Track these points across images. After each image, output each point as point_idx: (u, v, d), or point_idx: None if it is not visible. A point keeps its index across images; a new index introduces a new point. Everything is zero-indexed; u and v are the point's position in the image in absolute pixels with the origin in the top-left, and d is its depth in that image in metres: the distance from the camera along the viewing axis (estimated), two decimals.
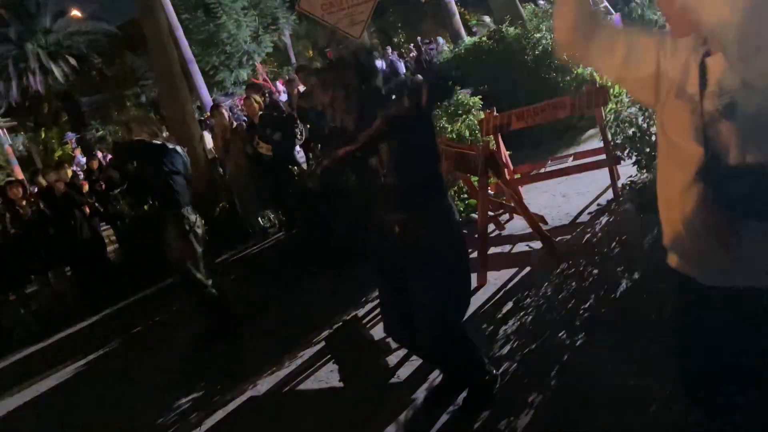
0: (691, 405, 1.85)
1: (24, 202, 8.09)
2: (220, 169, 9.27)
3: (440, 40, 19.56)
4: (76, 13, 28.90)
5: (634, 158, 4.41)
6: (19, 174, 18.68)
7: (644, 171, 4.34)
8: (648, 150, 4.25)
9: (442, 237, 2.80)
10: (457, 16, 15.42)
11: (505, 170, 5.24)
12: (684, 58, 1.52)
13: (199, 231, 4.93)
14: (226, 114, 8.45)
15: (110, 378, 5.27)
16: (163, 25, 10.72)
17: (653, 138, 4.27)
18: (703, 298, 1.60)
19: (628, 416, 2.55)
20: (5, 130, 21.73)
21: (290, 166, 7.10)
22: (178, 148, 5.00)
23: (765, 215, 1.39)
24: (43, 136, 27.66)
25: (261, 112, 7.77)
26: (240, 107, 11.77)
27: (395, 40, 31.37)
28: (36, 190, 8.82)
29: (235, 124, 8.18)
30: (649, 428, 2.46)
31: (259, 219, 8.44)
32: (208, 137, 10.22)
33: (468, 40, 11.43)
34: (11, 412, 5.22)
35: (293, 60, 24.95)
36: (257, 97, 8.04)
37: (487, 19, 18.65)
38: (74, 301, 8.31)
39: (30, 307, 8.25)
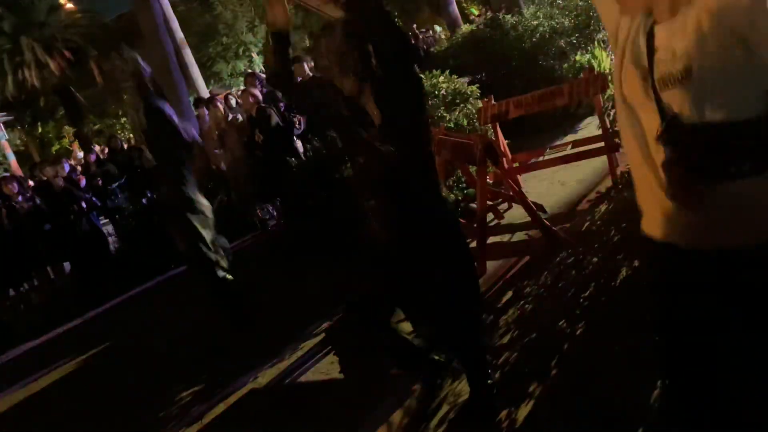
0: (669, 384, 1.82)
1: (20, 198, 8.08)
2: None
3: (437, 28, 19.47)
4: (70, 5, 28.74)
5: None
6: (17, 169, 18.63)
7: None
8: None
9: (441, 210, 2.81)
10: (454, 5, 15.36)
11: (504, 159, 5.22)
12: (633, 25, 1.55)
13: (210, 216, 4.83)
14: (221, 106, 8.41)
15: (111, 372, 5.28)
16: (158, 17, 10.69)
17: None
18: (684, 263, 1.59)
19: (628, 405, 2.55)
20: (2, 125, 21.64)
21: (288, 158, 7.07)
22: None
23: (728, 173, 1.39)
24: (40, 130, 27.58)
25: (257, 105, 7.73)
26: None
27: None
28: (33, 184, 8.79)
29: (230, 116, 8.14)
30: (650, 417, 2.46)
31: (258, 211, 8.42)
32: None
33: (465, 27, 11.37)
34: (13, 408, 5.23)
35: (290, 51, 24.82)
36: (253, 91, 7.99)
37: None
38: (75, 295, 8.31)
39: (30, 303, 8.26)
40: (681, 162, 1.39)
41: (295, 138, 7.85)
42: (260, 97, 7.90)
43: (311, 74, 7.59)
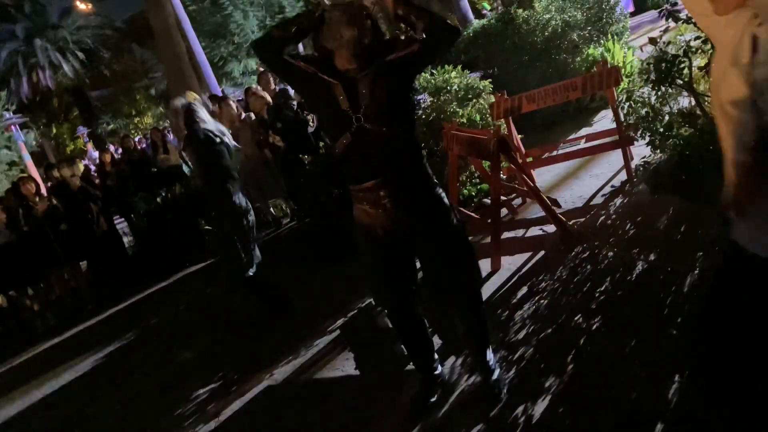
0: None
1: (37, 198, 8.16)
2: None
3: None
4: (82, 7, 28.96)
5: (647, 138, 4.35)
6: (33, 169, 18.81)
7: (658, 151, 4.28)
8: (661, 129, 4.19)
9: (436, 188, 2.88)
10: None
11: (517, 154, 5.20)
12: (738, 29, 1.53)
13: (251, 217, 4.95)
14: (233, 105, 8.43)
15: (128, 369, 5.32)
16: (170, 17, 10.75)
17: (666, 117, 4.21)
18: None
19: (645, 401, 2.54)
20: (17, 127, 21.84)
21: (301, 155, 7.08)
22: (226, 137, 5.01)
23: None
24: (54, 131, 27.83)
25: (267, 105, 7.76)
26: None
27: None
28: (50, 185, 8.87)
29: (243, 114, 8.16)
30: (667, 412, 2.44)
31: (271, 208, 8.45)
32: None
33: (476, 22, 11.32)
34: (31, 406, 5.29)
35: (301, 49, 24.88)
36: (260, 92, 7.98)
37: None
38: (92, 294, 8.39)
39: (48, 302, 8.34)
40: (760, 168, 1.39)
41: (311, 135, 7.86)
42: (268, 98, 7.90)
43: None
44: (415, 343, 3.11)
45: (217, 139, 4.82)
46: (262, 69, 16.24)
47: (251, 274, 4.90)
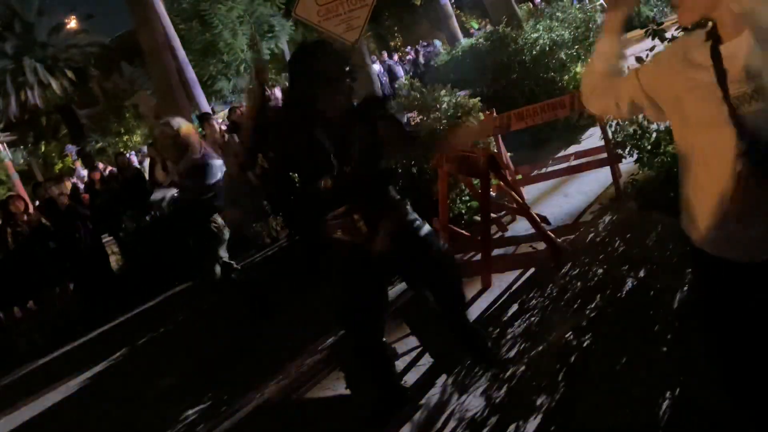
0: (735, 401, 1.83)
1: (25, 217, 8.09)
2: None
3: (437, 42, 19.58)
4: (71, 25, 28.97)
5: (635, 156, 4.39)
6: (21, 188, 18.68)
7: (646, 168, 4.32)
8: (649, 147, 4.23)
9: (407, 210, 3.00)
10: (454, 19, 15.46)
11: (507, 171, 5.22)
12: (680, 58, 1.62)
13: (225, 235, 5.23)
14: (216, 126, 8.44)
15: (116, 390, 5.26)
16: (159, 35, 10.77)
17: (654, 135, 4.25)
18: (738, 275, 1.64)
19: (637, 417, 2.53)
20: (5, 145, 21.77)
21: (291, 173, 7.07)
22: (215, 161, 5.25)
23: None
24: (42, 149, 27.70)
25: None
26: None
27: (392, 44, 31.40)
28: (38, 203, 8.81)
29: (226, 136, 8.15)
30: (659, 430, 2.44)
31: (252, 230, 8.41)
32: None
33: (465, 41, 11.43)
34: (19, 427, 5.21)
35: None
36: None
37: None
38: (79, 313, 8.30)
39: (36, 321, 8.25)
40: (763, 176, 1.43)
41: None
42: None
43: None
44: (378, 369, 3.21)
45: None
46: (251, 87, 16.31)
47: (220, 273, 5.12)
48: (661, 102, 1.72)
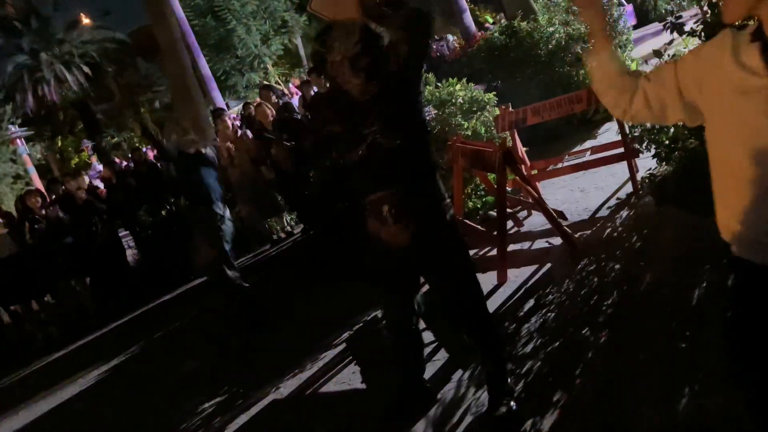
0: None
1: (43, 211, 8.17)
2: None
3: (450, 37, 19.48)
4: (87, 21, 29.16)
5: (653, 150, 4.35)
6: (38, 182, 18.87)
7: (663, 163, 4.28)
8: (667, 142, 4.19)
9: (446, 210, 2.86)
10: (468, 13, 15.34)
11: (522, 166, 5.20)
12: (730, 56, 1.52)
13: (229, 226, 5.20)
14: (229, 122, 8.46)
15: (132, 384, 5.31)
16: (175, 31, 10.80)
17: (672, 130, 4.21)
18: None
19: (655, 415, 2.51)
20: (23, 140, 21.96)
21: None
22: (209, 149, 5.32)
23: None
24: (59, 144, 27.92)
25: (273, 118, 7.79)
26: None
27: None
28: (54, 197, 8.89)
29: (239, 132, 8.18)
30: (674, 426, 2.42)
31: (266, 225, 8.44)
32: None
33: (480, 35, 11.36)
34: (36, 420, 5.27)
35: (305, 62, 24.94)
36: (268, 105, 8.03)
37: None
38: (96, 308, 8.38)
39: (53, 314, 8.34)
40: None
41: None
42: (273, 111, 7.94)
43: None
44: (407, 357, 3.17)
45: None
46: (265, 83, 16.32)
47: (232, 280, 5.18)
48: (700, 100, 1.62)
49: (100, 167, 17.86)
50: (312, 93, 8.56)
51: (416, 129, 2.78)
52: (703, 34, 3.56)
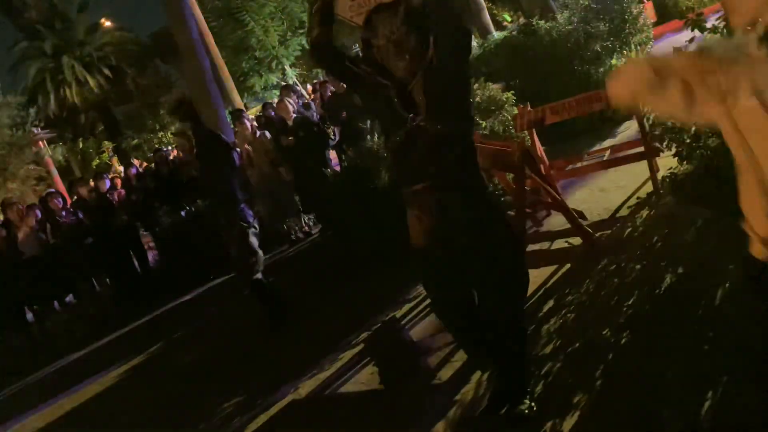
0: None
1: (64, 213, 8.28)
2: None
3: None
4: (107, 24, 29.51)
5: (674, 149, 4.29)
6: (60, 184, 19.11)
7: (685, 162, 4.22)
8: (688, 140, 4.13)
9: (489, 202, 2.85)
10: (486, 11, 15.28)
11: (541, 166, 5.16)
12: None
13: (256, 228, 5.23)
14: (248, 123, 8.52)
15: (152, 383, 5.35)
16: (194, 32, 10.89)
17: (693, 128, 4.15)
18: None
19: (676, 417, 2.48)
20: (45, 142, 22.27)
21: (323, 169, 7.12)
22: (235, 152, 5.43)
23: None
24: (81, 146, 28.28)
25: (294, 115, 7.85)
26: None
27: None
28: (75, 198, 9.00)
29: (258, 133, 8.23)
30: (697, 428, 2.39)
31: (284, 226, 8.47)
32: None
33: (498, 34, 11.31)
34: (58, 419, 5.34)
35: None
36: (290, 100, 8.11)
37: None
38: (116, 308, 8.47)
39: (74, 314, 8.44)
40: None
41: (329, 149, 7.94)
42: (294, 107, 8.01)
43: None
44: (471, 336, 3.07)
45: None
46: (284, 84, 16.38)
47: (259, 277, 5.17)
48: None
49: (121, 169, 18.05)
50: (329, 93, 8.60)
51: (461, 116, 2.73)
52: (725, 31, 3.50)
